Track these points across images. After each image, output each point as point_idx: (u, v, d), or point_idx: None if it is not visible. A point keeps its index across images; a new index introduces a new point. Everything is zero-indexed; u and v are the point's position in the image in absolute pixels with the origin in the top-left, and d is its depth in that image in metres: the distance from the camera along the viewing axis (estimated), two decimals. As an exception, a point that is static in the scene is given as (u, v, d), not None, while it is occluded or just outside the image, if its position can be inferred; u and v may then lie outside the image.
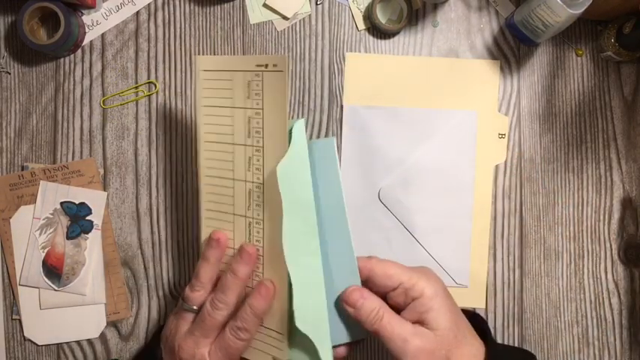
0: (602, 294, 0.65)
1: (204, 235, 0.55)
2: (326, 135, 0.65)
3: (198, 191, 0.55)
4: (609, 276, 0.65)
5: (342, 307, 0.51)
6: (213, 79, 0.53)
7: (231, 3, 0.66)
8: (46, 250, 0.63)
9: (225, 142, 0.54)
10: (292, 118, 0.64)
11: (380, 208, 0.64)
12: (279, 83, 0.50)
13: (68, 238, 0.63)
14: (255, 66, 0.51)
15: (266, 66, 0.50)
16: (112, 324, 0.64)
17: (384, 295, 0.51)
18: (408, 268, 0.51)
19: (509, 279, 0.65)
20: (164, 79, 0.65)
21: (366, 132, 0.64)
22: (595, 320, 0.65)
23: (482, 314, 0.64)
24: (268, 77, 0.50)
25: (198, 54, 0.65)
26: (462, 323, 0.50)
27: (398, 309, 0.50)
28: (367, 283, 0.51)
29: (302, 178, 0.51)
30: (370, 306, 0.49)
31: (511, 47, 0.66)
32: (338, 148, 0.64)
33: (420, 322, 0.49)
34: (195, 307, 0.52)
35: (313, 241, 0.51)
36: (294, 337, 0.51)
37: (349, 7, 0.66)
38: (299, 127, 0.51)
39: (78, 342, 0.64)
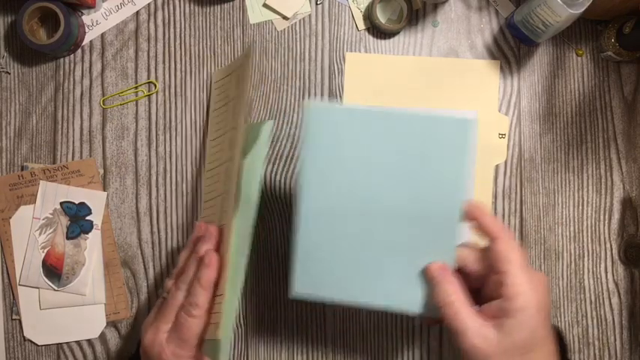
0: (603, 294, 0.65)
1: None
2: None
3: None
4: (609, 276, 0.65)
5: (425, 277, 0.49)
6: (221, 88, 0.60)
7: (231, 3, 0.66)
8: (45, 250, 0.63)
9: (220, 135, 0.60)
10: (266, 119, 0.66)
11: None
12: (246, 67, 0.57)
13: (68, 238, 0.63)
14: (244, 58, 0.57)
15: (248, 55, 0.58)
16: (112, 324, 0.64)
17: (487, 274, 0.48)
18: (525, 265, 0.46)
19: (509, 279, 0.65)
20: (164, 79, 0.65)
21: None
22: (595, 320, 0.65)
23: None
24: (241, 62, 0.57)
25: (198, 54, 0.65)
26: (544, 348, 0.46)
27: (490, 295, 0.47)
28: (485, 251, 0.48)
29: (255, 177, 0.53)
30: (445, 288, 0.47)
31: (511, 47, 0.66)
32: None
33: (496, 322, 0.45)
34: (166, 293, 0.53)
35: (247, 242, 0.52)
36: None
37: (349, 7, 0.66)
38: (268, 129, 0.55)
39: (78, 342, 0.64)
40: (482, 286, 0.49)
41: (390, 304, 0.51)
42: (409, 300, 0.51)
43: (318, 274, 0.52)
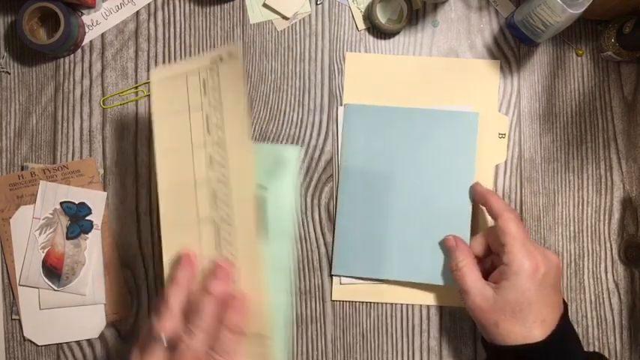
0: (602, 294, 0.65)
1: (167, 255, 0.50)
2: (326, 136, 0.65)
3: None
4: (609, 276, 0.65)
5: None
6: (168, 89, 0.50)
7: (231, 3, 0.66)
8: (45, 250, 0.63)
9: (182, 147, 0.50)
10: (290, 143, 0.63)
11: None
12: (234, 72, 0.48)
13: (68, 238, 0.63)
14: (209, 62, 0.49)
15: (220, 59, 0.49)
16: (112, 324, 0.64)
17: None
18: (526, 240, 0.54)
19: (509, 279, 0.65)
20: (164, 79, 0.65)
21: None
22: (595, 320, 0.65)
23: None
24: (224, 69, 0.48)
25: (199, 54, 0.65)
26: (532, 308, 0.52)
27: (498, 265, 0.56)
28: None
29: (286, 208, 0.51)
30: (457, 255, 0.58)
31: (511, 47, 0.66)
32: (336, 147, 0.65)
33: (496, 283, 0.55)
34: (165, 338, 0.45)
35: (285, 276, 0.51)
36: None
37: (349, 7, 0.66)
38: (294, 155, 0.52)
39: (78, 342, 0.64)
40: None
41: (416, 279, 0.62)
42: (432, 273, 0.62)
43: (353, 257, 0.62)
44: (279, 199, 0.51)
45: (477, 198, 0.61)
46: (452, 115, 0.63)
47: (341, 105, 0.65)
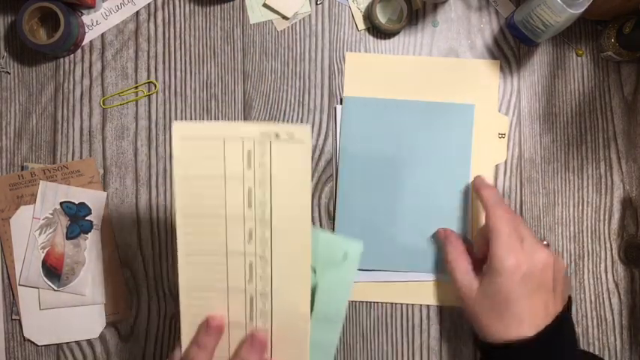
0: (602, 294, 0.65)
1: (186, 315, 0.50)
2: (326, 136, 0.65)
3: (176, 269, 0.50)
4: (609, 276, 0.65)
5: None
6: (197, 148, 0.47)
7: (231, 3, 0.66)
8: (45, 250, 0.63)
9: (212, 214, 0.48)
10: (354, 239, 0.59)
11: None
12: (297, 155, 0.45)
13: (68, 238, 0.63)
14: (259, 134, 0.45)
15: (276, 135, 0.45)
16: (112, 324, 0.64)
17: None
18: (513, 236, 0.54)
19: (509, 279, 0.65)
20: (164, 79, 0.65)
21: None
22: (595, 320, 0.65)
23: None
24: (280, 147, 0.45)
25: (198, 54, 0.65)
26: (510, 307, 0.52)
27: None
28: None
29: (340, 300, 0.52)
30: (449, 249, 0.59)
31: (511, 47, 0.66)
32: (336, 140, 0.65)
33: (482, 276, 0.56)
34: None
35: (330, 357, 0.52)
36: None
37: (349, 7, 0.66)
38: (357, 251, 0.52)
39: (77, 342, 0.64)
40: None
41: (415, 270, 0.63)
42: (431, 266, 0.63)
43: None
44: (332, 287, 0.51)
45: (474, 187, 0.61)
46: (448, 107, 0.64)
47: (340, 104, 0.65)
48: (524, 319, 0.52)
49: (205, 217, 0.48)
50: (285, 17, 0.65)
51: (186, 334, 0.49)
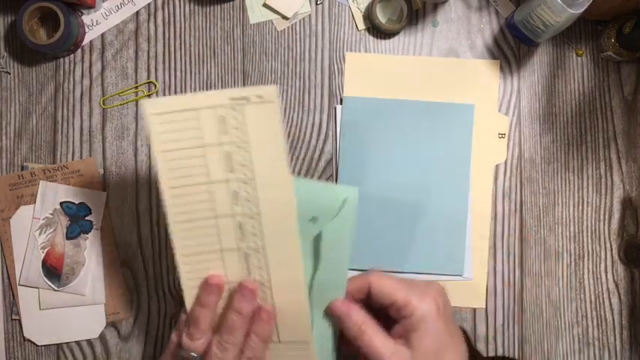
0: (603, 294, 0.65)
1: (186, 281, 0.52)
2: (325, 136, 0.65)
3: (170, 239, 0.52)
4: (609, 276, 0.65)
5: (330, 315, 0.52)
6: (171, 122, 0.49)
7: (231, 3, 0.66)
8: (45, 250, 0.63)
9: (196, 183, 0.50)
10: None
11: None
12: (268, 115, 0.48)
13: (68, 238, 0.63)
14: (228, 100, 0.48)
15: (246, 99, 0.48)
16: (112, 324, 0.64)
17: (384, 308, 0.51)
18: (406, 285, 0.50)
19: (509, 279, 0.65)
20: (164, 79, 0.65)
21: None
22: (595, 320, 0.65)
23: (482, 314, 0.64)
24: (252, 110, 0.48)
25: (198, 54, 0.65)
26: (449, 352, 0.49)
27: (394, 322, 0.51)
28: (367, 297, 0.51)
29: (342, 251, 0.52)
30: (354, 320, 0.50)
31: (511, 47, 0.66)
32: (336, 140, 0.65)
33: (404, 339, 0.49)
34: (198, 356, 0.50)
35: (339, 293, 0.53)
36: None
37: (349, 7, 0.66)
38: (355, 196, 0.52)
39: (77, 342, 0.64)
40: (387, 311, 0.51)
41: (414, 271, 0.63)
42: (431, 264, 0.63)
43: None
44: (336, 234, 0.52)
45: (361, 290, 0.52)
46: (448, 107, 0.64)
47: (340, 104, 0.65)
48: (462, 352, 0.51)
49: (190, 186, 0.50)
50: (285, 17, 0.65)
51: (189, 298, 0.52)
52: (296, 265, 0.51)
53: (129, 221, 0.64)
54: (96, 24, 0.65)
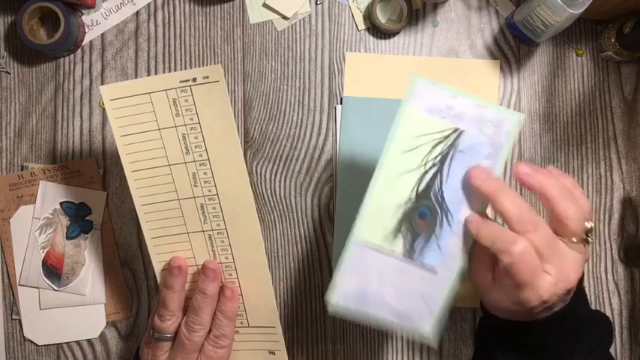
0: (602, 294, 0.65)
1: (156, 263, 0.54)
2: (326, 136, 0.65)
3: (138, 223, 0.54)
4: (609, 276, 0.65)
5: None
6: (128, 106, 0.51)
7: (231, 3, 0.66)
8: (45, 250, 0.63)
9: (157, 165, 0.52)
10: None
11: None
12: (215, 94, 0.49)
13: (68, 238, 0.63)
14: (178, 82, 0.49)
15: (194, 80, 0.49)
16: (112, 324, 0.64)
17: None
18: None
19: (509, 279, 0.64)
20: (164, 79, 0.65)
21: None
22: (595, 320, 0.65)
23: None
24: (199, 90, 0.49)
25: (198, 54, 0.65)
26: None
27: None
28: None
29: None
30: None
31: (511, 47, 0.66)
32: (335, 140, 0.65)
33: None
34: (169, 336, 0.53)
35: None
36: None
37: (349, 7, 0.66)
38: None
39: (78, 342, 0.64)
40: None
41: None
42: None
43: None
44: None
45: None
46: None
47: (340, 104, 0.65)
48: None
49: (151, 169, 0.52)
50: (285, 17, 0.65)
51: (161, 281, 0.55)
52: (257, 245, 0.53)
53: (129, 221, 0.64)
54: (96, 24, 0.65)
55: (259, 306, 0.55)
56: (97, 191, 0.64)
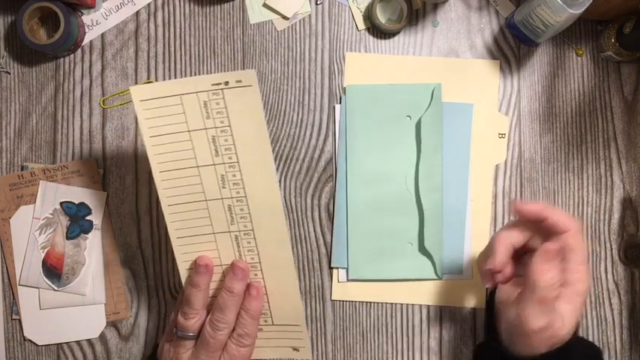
0: (602, 294, 0.65)
1: (181, 262, 0.55)
2: (326, 135, 0.65)
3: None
4: (609, 276, 0.65)
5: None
6: (157, 107, 0.51)
7: (231, 3, 0.66)
8: (45, 250, 0.63)
9: (185, 167, 0.52)
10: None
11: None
12: (248, 98, 0.50)
13: (68, 238, 0.63)
14: (210, 85, 0.50)
15: (226, 83, 0.50)
16: (112, 324, 0.64)
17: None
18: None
19: (509, 279, 0.64)
20: (164, 79, 0.65)
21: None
22: (595, 320, 0.65)
23: (482, 314, 0.64)
24: (232, 94, 0.50)
25: (198, 54, 0.65)
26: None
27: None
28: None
29: (437, 128, 0.63)
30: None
31: (511, 47, 0.66)
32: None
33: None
34: (192, 334, 0.53)
35: (438, 178, 0.62)
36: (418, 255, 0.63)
37: (349, 7, 0.66)
38: (438, 90, 0.63)
39: (78, 342, 0.64)
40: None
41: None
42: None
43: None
44: (430, 122, 0.62)
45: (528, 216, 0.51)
46: (446, 106, 0.64)
47: (339, 103, 0.65)
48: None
49: (180, 170, 0.52)
50: (285, 17, 0.65)
51: (185, 280, 0.55)
52: (284, 246, 0.53)
53: (129, 221, 0.64)
54: (96, 24, 0.65)
55: (284, 305, 0.55)
56: (97, 191, 0.64)
